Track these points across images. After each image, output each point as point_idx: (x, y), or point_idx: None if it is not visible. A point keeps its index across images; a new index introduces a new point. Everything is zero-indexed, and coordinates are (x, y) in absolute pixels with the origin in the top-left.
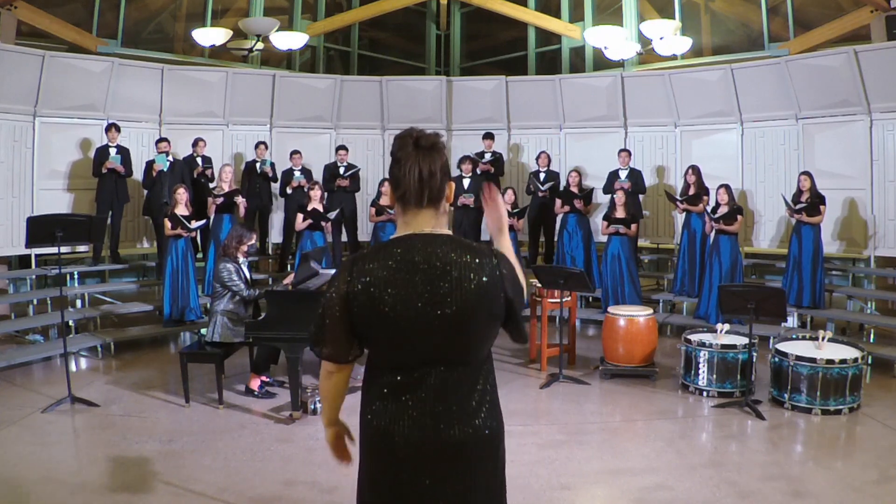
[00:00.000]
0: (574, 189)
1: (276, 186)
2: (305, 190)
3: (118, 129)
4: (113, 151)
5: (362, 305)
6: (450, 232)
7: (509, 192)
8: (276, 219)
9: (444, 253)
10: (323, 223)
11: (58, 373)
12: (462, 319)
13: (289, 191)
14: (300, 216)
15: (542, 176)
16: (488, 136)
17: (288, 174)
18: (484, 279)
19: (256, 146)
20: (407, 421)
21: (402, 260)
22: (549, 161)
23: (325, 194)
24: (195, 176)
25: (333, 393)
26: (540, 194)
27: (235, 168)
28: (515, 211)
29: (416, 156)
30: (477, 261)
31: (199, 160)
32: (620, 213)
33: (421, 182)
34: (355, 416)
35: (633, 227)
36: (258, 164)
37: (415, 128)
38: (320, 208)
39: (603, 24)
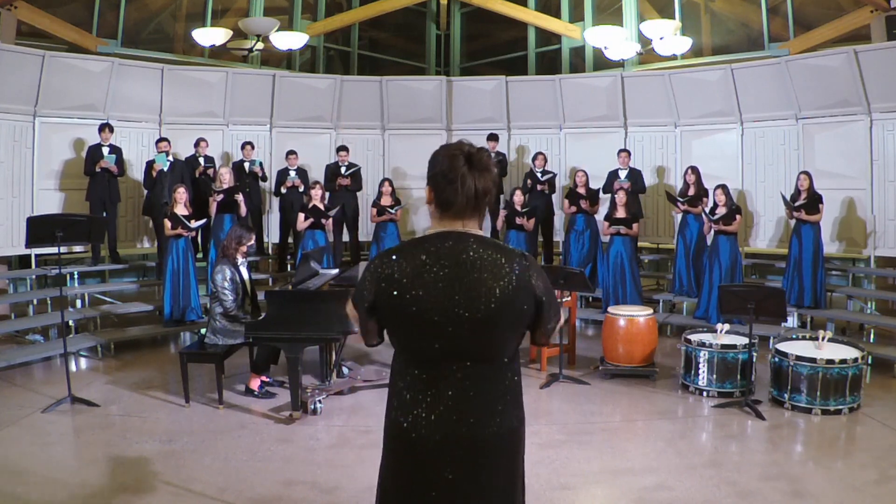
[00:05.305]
0: (581, 190)
1: (268, 186)
2: (300, 191)
3: (111, 129)
4: (106, 151)
5: (391, 300)
6: (480, 232)
7: (518, 192)
8: (273, 219)
9: (476, 252)
10: (323, 221)
11: (58, 373)
12: (490, 317)
13: (283, 190)
14: (301, 215)
15: (538, 176)
16: (492, 137)
17: (283, 174)
18: (514, 279)
19: (242, 147)
20: (429, 416)
21: (434, 257)
22: (546, 162)
23: (326, 193)
24: (197, 175)
25: None
26: (539, 187)
27: None
28: (524, 210)
29: (471, 174)
30: (507, 261)
31: (201, 160)
32: (621, 213)
33: (477, 198)
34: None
35: (635, 226)
36: (246, 164)
37: (463, 141)
38: (321, 207)
39: (603, 24)
